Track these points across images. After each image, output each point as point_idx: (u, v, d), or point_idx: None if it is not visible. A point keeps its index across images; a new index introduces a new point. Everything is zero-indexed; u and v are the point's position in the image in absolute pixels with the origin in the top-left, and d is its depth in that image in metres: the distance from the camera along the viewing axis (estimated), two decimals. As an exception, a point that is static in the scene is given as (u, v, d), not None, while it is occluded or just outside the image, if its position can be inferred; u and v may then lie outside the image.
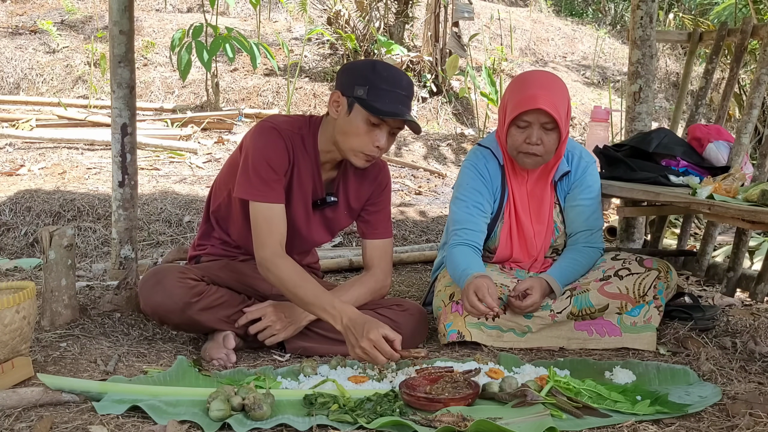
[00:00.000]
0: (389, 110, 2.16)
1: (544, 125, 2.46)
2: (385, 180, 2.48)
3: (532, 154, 2.50)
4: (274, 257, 2.19)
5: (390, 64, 2.32)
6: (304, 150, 2.31)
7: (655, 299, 2.52)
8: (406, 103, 2.23)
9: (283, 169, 2.26)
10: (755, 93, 3.34)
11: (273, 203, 2.22)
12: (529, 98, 2.44)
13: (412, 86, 2.27)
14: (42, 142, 5.74)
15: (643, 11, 3.71)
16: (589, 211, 2.64)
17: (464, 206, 2.60)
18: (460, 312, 2.48)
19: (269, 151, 2.23)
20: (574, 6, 13.01)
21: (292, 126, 2.31)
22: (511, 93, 2.54)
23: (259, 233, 2.21)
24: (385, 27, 8.29)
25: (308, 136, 2.32)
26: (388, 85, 2.18)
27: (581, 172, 2.65)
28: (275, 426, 1.74)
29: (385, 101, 2.16)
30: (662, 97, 9.52)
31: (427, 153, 6.55)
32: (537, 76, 2.60)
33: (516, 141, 2.51)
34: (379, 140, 2.20)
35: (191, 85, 7.53)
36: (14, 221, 4.16)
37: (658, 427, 1.79)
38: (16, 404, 1.76)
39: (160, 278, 2.21)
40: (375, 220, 2.45)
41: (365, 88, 2.17)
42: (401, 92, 2.20)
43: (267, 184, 2.22)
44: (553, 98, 2.45)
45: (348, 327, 2.06)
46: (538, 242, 2.64)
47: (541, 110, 2.43)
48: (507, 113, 2.53)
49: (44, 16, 8.63)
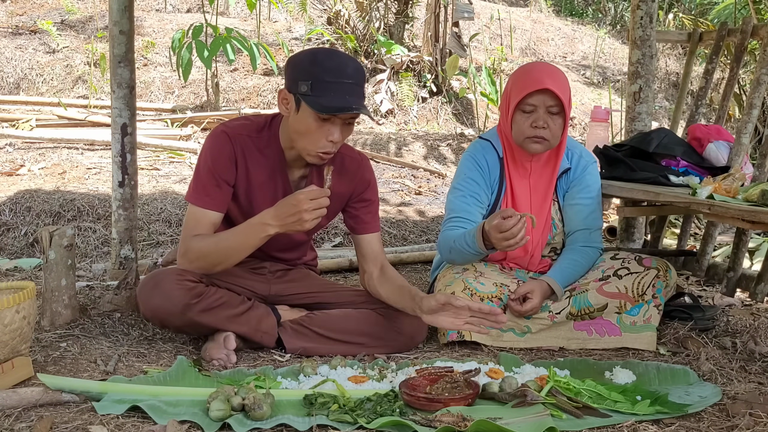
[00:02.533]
0: (335, 104, 2.07)
1: (549, 108, 2.47)
2: (368, 174, 2.42)
3: (540, 138, 2.49)
4: (189, 242, 2.20)
5: (334, 51, 2.20)
6: (259, 152, 2.27)
7: (654, 298, 2.52)
8: (355, 91, 2.12)
9: (226, 175, 2.23)
10: (755, 93, 3.34)
11: (206, 209, 2.22)
12: (535, 80, 2.46)
13: (361, 71, 2.15)
14: (42, 142, 5.74)
15: (643, 11, 3.71)
16: (588, 210, 2.63)
17: (461, 195, 2.60)
18: None
19: (212, 158, 2.23)
20: (574, 6, 13.01)
21: (247, 129, 2.27)
22: (515, 81, 2.55)
23: (184, 231, 2.24)
24: (385, 27, 8.29)
25: (268, 137, 2.28)
26: (332, 76, 2.08)
27: (581, 170, 2.65)
28: (275, 426, 1.74)
29: (330, 95, 2.07)
30: (662, 97, 9.52)
31: (427, 153, 6.55)
32: (538, 64, 2.65)
33: (522, 126, 2.51)
34: (332, 134, 2.12)
35: (191, 85, 7.53)
36: (14, 221, 4.16)
37: (658, 427, 1.79)
38: (16, 404, 1.76)
39: (158, 281, 2.20)
40: (365, 213, 2.41)
41: (308, 83, 2.08)
42: (347, 81, 2.10)
43: (205, 190, 2.22)
44: (557, 82, 2.48)
45: (277, 214, 2.07)
46: (535, 237, 2.63)
47: (547, 92, 2.44)
48: (511, 99, 2.53)
49: (44, 16, 8.63)
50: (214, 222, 2.25)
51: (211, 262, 2.20)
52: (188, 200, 2.26)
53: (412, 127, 7.51)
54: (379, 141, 6.73)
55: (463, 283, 2.51)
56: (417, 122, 7.64)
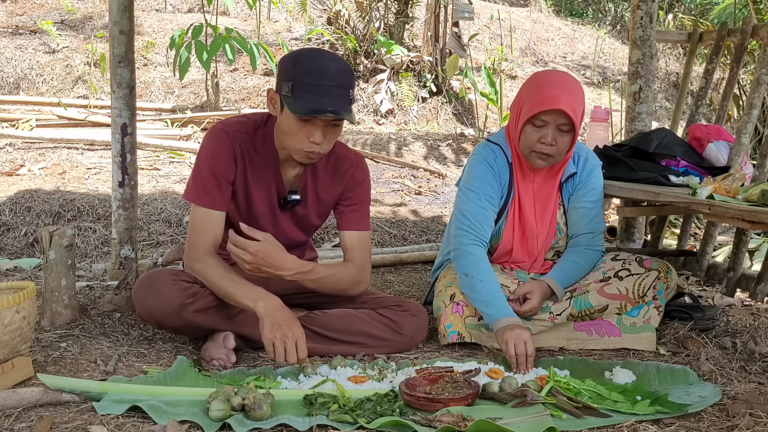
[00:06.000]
0: (310, 107, 2.06)
1: (560, 126, 2.42)
2: (361, 175, 2.41)
3: (546, 155, 2.46)
4: (204, 255, 2.21)
5: (319, 52, 2.18)
6: (255, 150, 2.28)
7: (655, 300, 2.52)
8: (336, 94, 2.09)
9: (227, 173, 2.25)
10: (755, 93, 3.34)
11: (210, 209, 2.23)
12: (549, 98, 2.39)
13: (345, 74, 2.13)
14: (42, 142, 5.75)
15: (643, 11, 3.71)
16: (592, 213, 2.62)
17: (476, 198, 2.53)
18: (460, 313, 2.48)
19: (212, 156, 2.24)
20: (574, 6, 13.01)
21: (244, 126, 2.28)
22: (529, 91, 2.48)
23: (192, 233, 2.25)
24: (385, 27, 8.29)
25: (263, 135, 2.28)
26: (312, 77, 2.08)
27: (587, 174, 2.63)
28: (275, 426, 1.74)
29: (309, 96, 2.07)
30: (662, 97, 9.52)
31: (427, 153, 6.55)
32: (556, 76, 2.53)
33: (530, 140, 2.46)
34: (313, 135, 2.12)
35: (191, 85, 7.54)
36: (14, 221, 4.16)
37: (658, 427, 1.79)
38: (16, 404, 1.76)
39: (153, 282, 2.20)
40: (351, 211, 2.41)
41: (290, 84, 2.09)
42: (328, 83, 2.08)
43: (206, 189, 2.23)
44: (572, 100, 2.41)
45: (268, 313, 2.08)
46: (540, 242, 2.63)
47: (560, 111, 2.40)
48: (523, 111, 2.47)
49: (44, 16, 8.63)
50: (219, 223, 2.26)
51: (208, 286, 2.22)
52: (188, 199, 2.27)
53: (412, 127, 7.51)
54: (380, 141, 6.73)
55: None
56: (417, 122, 7.64)
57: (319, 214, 2.44)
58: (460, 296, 2.50)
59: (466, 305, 2.48)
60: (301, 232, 2.45)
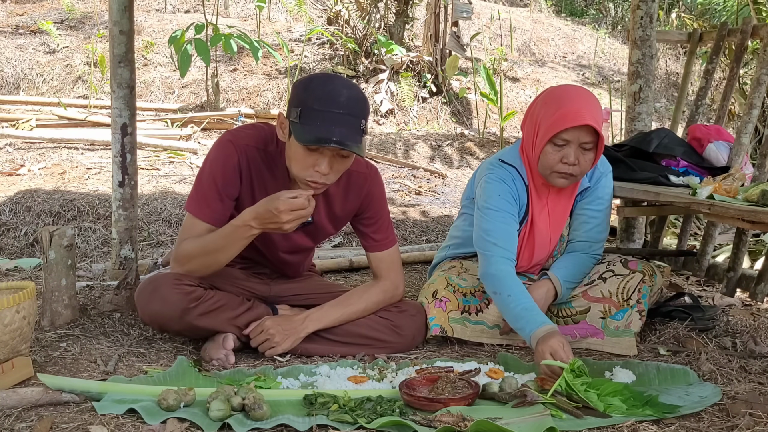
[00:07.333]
0: (316, 135, 1.97)
1: (582, 145, 2.30)
2: (375, 189, 2.35)
3: (568, 174, 2.34)
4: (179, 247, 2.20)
5: (331, 77, 2.09)
6: (265, 165, 2.20)
7: (639, 303, 2.45)
8: (345, 122, 1.99)
9: (230, 188, 2.18)
10: (755, 93, 3.34)
11: (203, 221, 2.18)
12: (575, 114, 2.27)
13: (357, 101, 2.04)
14: (42, 142, 5.75)
15: (643, 11, 3.71)
16: (595, 222, 2.53)
17: (500, 216, 2.40)
18: (443, 308, 2.47)
19: (216, 168, 2.18)
20: (574, 6, 13.02)
21: (254, 140, 2.20)
22: (547, 109, 2.34)
23: (180, 235, 2.23)
24: (385, 27, 8.30)
25: (274, 153, 2.20)
26: (321, 104, 1.98)
27: (595, 182, 2.55)
28: (275, 426, 1.74)
29: (315, 124, 1.97)
30: (662, 97, 9.52)
31: (428, 153, 6.55)
32: (574, 91, 2.40)
33: (551, 160, 2.33)
34: (319, 165, 2.03)
35: (191, 85, 7.54)
36: (14, 221, 4.17)
37: (658, 427, 1.79)
38: (16, 404, 1.76)
39: (156, 286, 2.17)
40: (373, 231, 2.37)
41: (298, 110, 2.00)
42: (337, 111, 1.98)
43: (207, 202, 2.18)
44: (596, 115, 2.30)
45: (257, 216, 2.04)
46: (543, 253, 2.58)
47: (583, 128, 2.27)
48: (541, 130, 2.34)
49: (44, 16, 8.64)
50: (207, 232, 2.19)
51: (201, 263, 2.18)
52: (188, 210, 2.21)
53: (412, 127, 7.51)
54: (382, 141, 6.73)
55: (445, 280, 2.53)
56: (417, 122, 7.64)
57: (334, 226, 2.39)
58: (442, 292, 2.50)
59: (449, 301, 2.48)
60: (310, 240, 2.42)
